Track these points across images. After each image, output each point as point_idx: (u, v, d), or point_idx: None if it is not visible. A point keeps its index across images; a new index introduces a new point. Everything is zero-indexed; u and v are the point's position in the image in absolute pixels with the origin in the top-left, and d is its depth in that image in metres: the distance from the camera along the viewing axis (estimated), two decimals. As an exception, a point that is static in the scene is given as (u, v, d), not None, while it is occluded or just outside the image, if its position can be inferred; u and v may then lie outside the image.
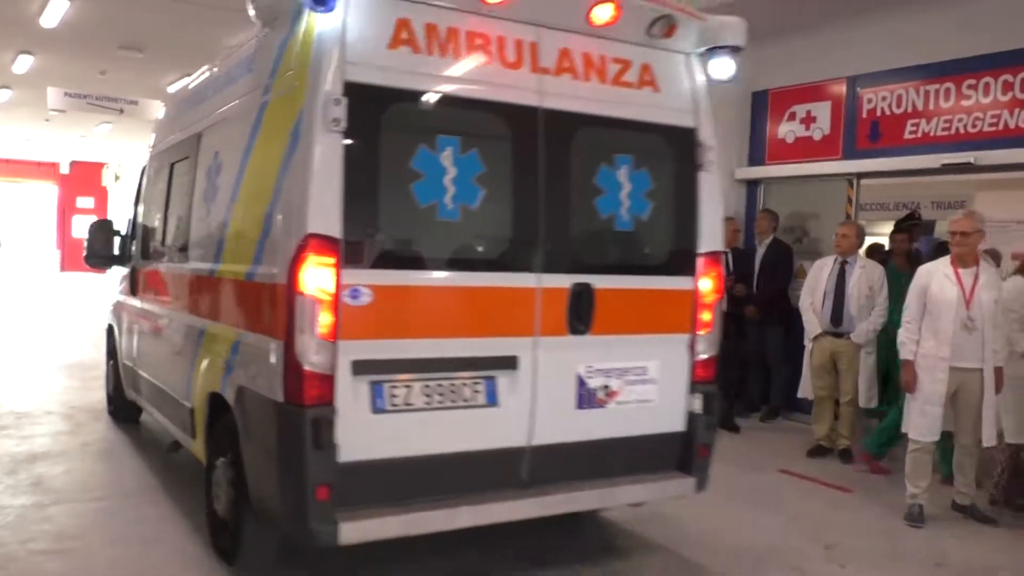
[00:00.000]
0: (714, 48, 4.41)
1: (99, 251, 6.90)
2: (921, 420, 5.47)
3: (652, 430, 4.37)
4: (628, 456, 4.32)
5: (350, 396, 3.59)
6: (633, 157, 4.30)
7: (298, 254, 3.50)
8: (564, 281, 4.08)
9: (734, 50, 4.38)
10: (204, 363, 4.58)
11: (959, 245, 5.44)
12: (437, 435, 3.84)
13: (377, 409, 3.69)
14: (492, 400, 3.95)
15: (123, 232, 7.11)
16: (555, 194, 4.06)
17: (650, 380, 4.35)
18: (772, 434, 8.19)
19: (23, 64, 13.50)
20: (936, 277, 5.50)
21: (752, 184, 9.40)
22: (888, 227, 7.88)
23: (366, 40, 3.62)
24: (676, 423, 4.43)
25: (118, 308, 7.21)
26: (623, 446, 4.29)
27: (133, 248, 6.81)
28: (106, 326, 7.74)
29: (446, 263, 3.93)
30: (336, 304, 3.53)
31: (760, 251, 8.56)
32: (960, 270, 5.45)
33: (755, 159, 9.30)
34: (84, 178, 32.03)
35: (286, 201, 3.66)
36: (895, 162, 7.84)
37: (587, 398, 4.19)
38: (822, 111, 8.62)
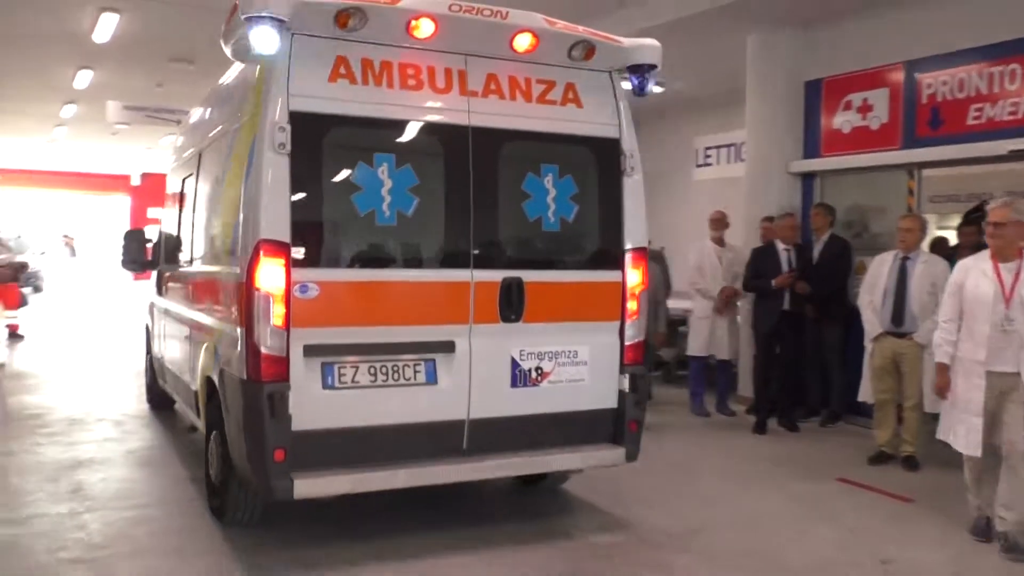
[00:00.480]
0: (633, 67, 4.94)
1: (132, 257, 7.59)
2: (959, 430, 5.00)
3: (584, 407, 4.94)
4: (563, 429, 4.88)
5: (302, 375, 4.27)
6: (558, 166, 4.88)
7: (254, 256, 4.19)
8: (495, 276, 4.68)
9: (650, 68, 4.93)
10: (202, 351, 5.26)
11: (994, 237, 4.97)
12: (382, 409, 4.48)
13: (327, 386, 4.38)
14: (432, 379, 4.60)
15: (152, 239, 7.77)
16: (485, 200, 4.67)
17: (581, 362, 4.92)
18: (831, 439, 7.81)
19: (83, 79, 13.78)
20: (973, 273, 5.05)
21: (808, 177, 9.02)
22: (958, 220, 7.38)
23: (308, 75, 4.31)
24: (608, 401, 4.99)
25: (150, 308, 8.02)
26: (557, 420, 4.86)
27: (160, 254, 7.54)
28: (144, 324, 8.39)
29: (385, 262, 4.65)
30: (287, 297, 4.21)
31: (817, 248, 8.18)
32: (1000, 265, 4.99)
33: (810, 151, 8.94)
34: (154, 189, 32.81)
35: (245, 212, 4.35)
36: (958, 150, 7.42)
37: (521, 378, 4.79)
38: (879, 99, 8.23)
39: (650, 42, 4.96)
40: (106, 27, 10.29)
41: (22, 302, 13.60)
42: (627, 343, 5.00)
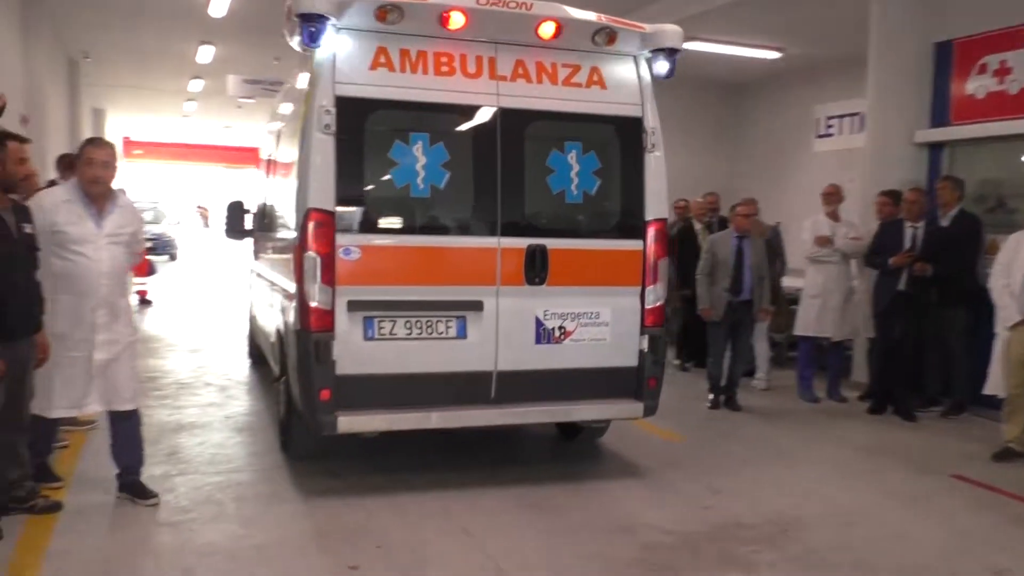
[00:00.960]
0: (656, 50, 5.32)
1: (233, 225, 8.04)
2: None
3: (606, 364, 5.41)
4: (585, 383, 5.37)
5: (346, 327, 4.90)
6: (582, 143, 5.32)
7: (304, 222, 4.83)
8: (520, 243, 5.19)
9: (672, 52, 5.32)
10: (276, 307, 5.96)
11: None
12: (417, 358, 5.06)
13: (368, 337, 4.99)
14: (462, 334, 5.15)
15: (251, 209, 8.06)
16: (512, 174, 5.16)
17: (603, 323, 5.39)
18: (952, 432, 7.25)
19: (206, 54, 14.24)
20: None
21: (935, 148, 8.33)
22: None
23: (352, 64, 4.89)
24: (628, 359, 5.44)
25: (248, 271, 8.69)
26: (579, 375, 5.35)
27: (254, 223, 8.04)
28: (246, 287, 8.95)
29: (419, 229, 5.24)
30: (332, 259, 4.83)
31: (943, 224, 7.50)
32: None
33: (938, 119, 8.27)
34: (281, 162, 33.69)
35: (299, 185, 4.95)
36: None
37: (544, 335, 5.30)
38: (1019, 60, 7.47)
39: (672, 27, 5.30)
40: (220, 1, 10.49)
41: (151, 270, 14.25)
42: (647, 307, 5.43)
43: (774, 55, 11.69)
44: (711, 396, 7.83)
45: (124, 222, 4.77)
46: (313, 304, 4.81)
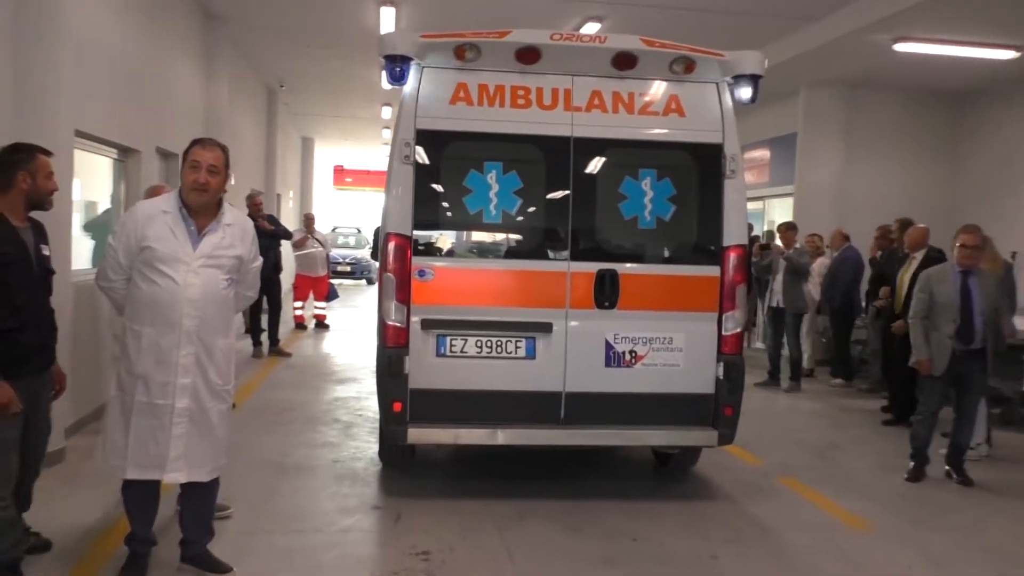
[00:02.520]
0: (737, 76, 5.52)
1: (375, 250, 8.54)
2: None
3: (679, 389, 5.54)
4: (657, 409, 5.53)
5: (420, 343, 5.35)
6: (656, 169, 5.57)
7: (384, 246, 5.36)
8: (590, 267, 5.48)
9: (754, 78, 5.49)
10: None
11: None
12: (486, 376, 5.43)
13: (440, 354, 5.40)
14: (531, 354, 5.47)
15: None
16: (583, 201, 5.52)
17: (676, 348, 5.53)
18: None
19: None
20: None
21: None
22: None
23: (433, 99, 5.39)
24: (704, 386, 5.55)
25: None
26: (651, 400, 5.52)
27: None
28: None
29: (491, 253, 5.78)
30: (408, 280, 5.31)
31: None
32: None
33: None
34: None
35: (383, 211, 5.66)
36: None
37: (615, 359, 5.50)
38: None
39: (752, 54, 5.53)
40: (387, 21, 10.83)
41: (331, 295, 14.45)
42: (724, 334, 5.54)
43: (1010, 55, 9.89)
44: (912, 464, 6.67)
45: (228, 243, 4.07)
46: (389, 322, 5.30)
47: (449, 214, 5.61)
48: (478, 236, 5.76)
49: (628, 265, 5.57)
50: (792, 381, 10.44)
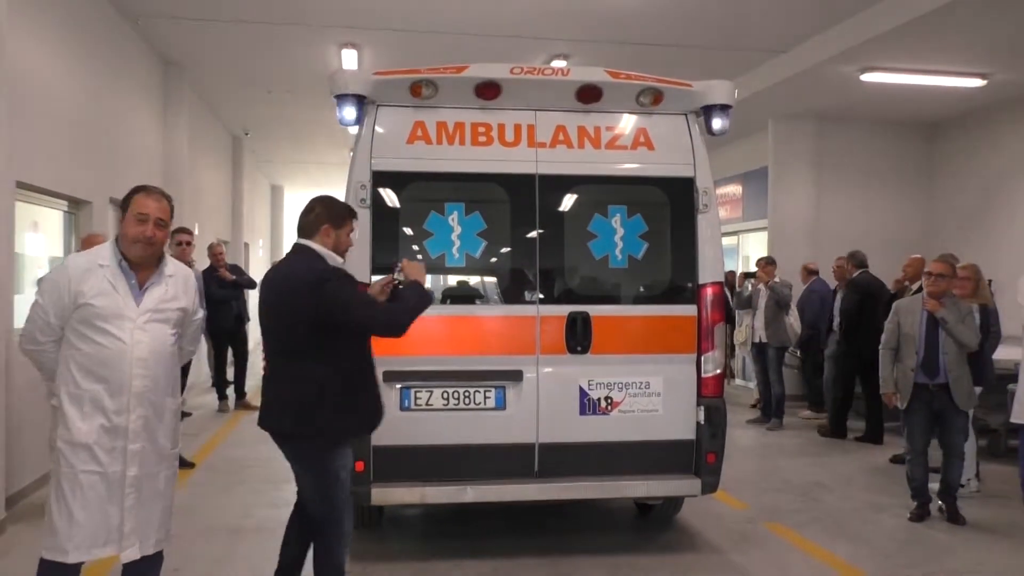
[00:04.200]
0: (708, 107, 5.32)
1: None
2: None
3: (659, 436, 5.29)
4: (636, 457, 5.27)
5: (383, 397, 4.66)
6: (626, 206, 5.38)
7: None
8: (560, 310, 5.26)
9: (724, 108, 5.30)
10: None
11: None
12: (453, 430, 5.14)
13: (404, 407, 5.12)
14: (500, 405, 5.21)
15: None
16: (550, 241, 5.29)
17: (654, 393, 5.29)
18: None
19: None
20: None
21: None
22: None
23: (389, 139, 5.17)
24: (684, 432, 5.31)
25: None
26: (629, 449, 5.27)
27: None
28: None
29: (455, 299, 5.42)
30: None
31: None
32: None
33: None
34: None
35: None
36: None
37: (590, 406, 5.25)
38: None
39: (722, 83, 5.36)
40: (350, 63, 10.71)
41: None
42: (704, 375, 5.33)
43: (977, 83, 9.83)
44: (914, 504, 6.48)
45: (172, 295, 3.79)
46: None
47: (410, 259, 5.33)
48: (441, 281, 5.46)
49: (600, 307, 5.35)
50: (775, 418, 10.30)
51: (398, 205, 5.27)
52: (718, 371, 5.36)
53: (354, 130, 5.33)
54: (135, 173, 9.60)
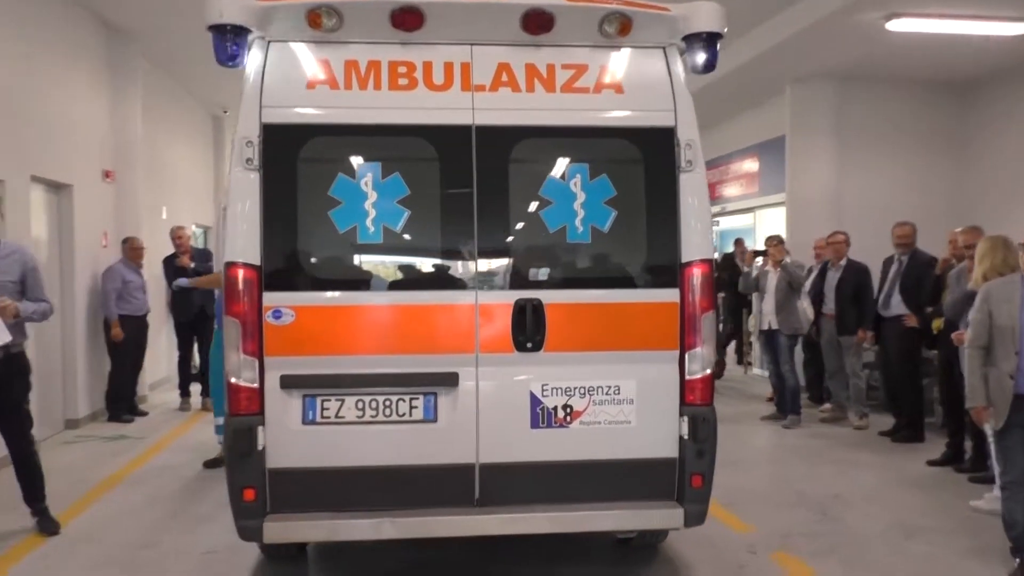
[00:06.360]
0: (690, 36, 4.31)
1: None
2: None
3: (631, 454, 4.32)
4: (604, 481, 4.31)
5: (279, 408, 4.13)
6: (588, 164, 4.38)
7: (225, 281, 4.13)
8: (505, 297, 4.28)
9: (711, 37, 4.27)
10: None
11: None
12: (371, 448, 4.21)
13: (308, 420, 4.17)
14: (430, 416, 4.25)
15: None
16: (492, 210, 4.31)
17: (625, 400, 4.33)
18: None
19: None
20: None
21: None
22: None
23: (284, 84, 4.19)
24: (663, 448, 4.33)
25: None
26: (595, 470, 4.32)
27: None
28: None
29: (368, 284, 4.34)
30: (258, 324, 4.08)
31: None
32: None
33: None
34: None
35: (224, 233, 4.46)
36: None
37: (544, 417, 4.29)
38: None
39: (707, 4, 4.33)
40: None
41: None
42: (689, 378, 4.31)
43: (1018, 29, 8.68)
44: (1016, 562, 4.84)
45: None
46: (234, 380, 4.07)
47: (311, 234, 4.31)
48: (351, 262, 4.40)
49: (556, 292, 4.33)
50: (792, 415, 9.19)
51: (296, 167, 4.22)
52: (707, 372, 4.29)
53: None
54: (68, 150, 8.73)
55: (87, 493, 6.46)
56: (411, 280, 4.37)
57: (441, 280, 4.33)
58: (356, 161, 4.26)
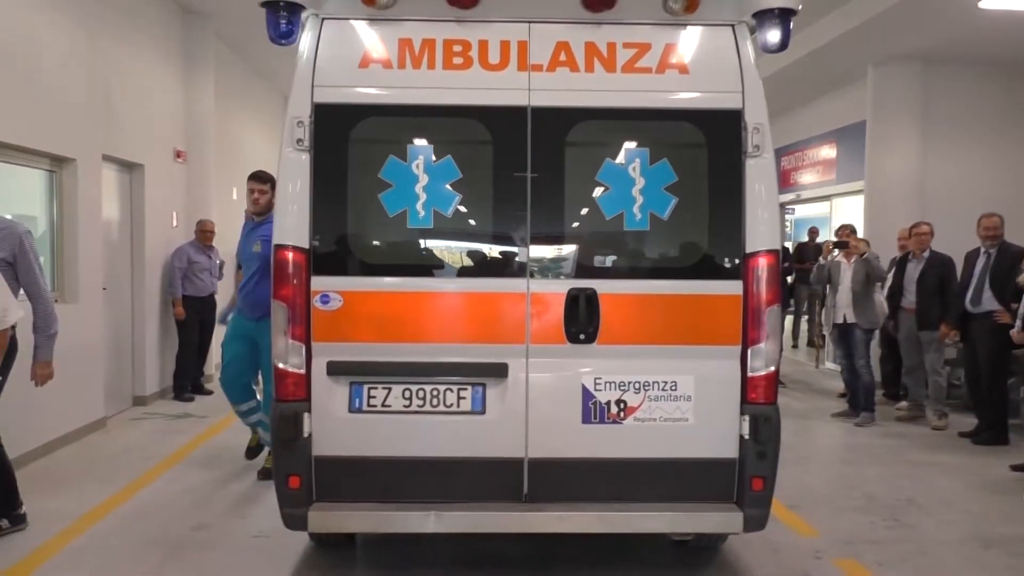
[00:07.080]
0: (761, 13, 4.08)
1: None
2: None
3: (688, 454, 4.16)
4: (658, 480, 4.16)
5: (325, 394, 4.08)
6: (649, 148, 4.21)
7: (274, 264, 4.04)
8: (558, 286, 4.16)
9: (785, 14, 4.04)
10: None
11: None
12: (417, 439, 4.12)
13: (354, 409, 4.11)
14: (478, 407, 4.16)
15: None
16: (546, 195, 4.17)
17: (683, 397, 4.16)
18: None
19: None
20: None
21: None
22: None
23: (336, 62, 4.10)
24: (722, 448, 4.15)
25: None
26: (648, 468, 4.18)
27: None
28: None
29: (418, 269, 4.24)
30: (306, 308, 4.03)
31: None
32: None
33: None
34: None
35: (274, 215, 4.24)
36: None
37: (596, 412, 4.14)
38: None
39: None
40: None
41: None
42: (751, 375, 4.09)
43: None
44: None
45: None
46: (281, 366, 4.02)
47: (361, 218, 4.25)
48: (401, 246, 4.32)
49: (612, 282, 4.17)
50: (865, 412, 8.80)
51: (347, 148, 4.14)
52: (771, 369, 4.08)
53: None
54: (140, 129, 8.83)
55: (146, 472, 6.52)
56: (461, 267, 4.26)
57: (492, 267, 4.23)
58: (408, 143, 4.16)
